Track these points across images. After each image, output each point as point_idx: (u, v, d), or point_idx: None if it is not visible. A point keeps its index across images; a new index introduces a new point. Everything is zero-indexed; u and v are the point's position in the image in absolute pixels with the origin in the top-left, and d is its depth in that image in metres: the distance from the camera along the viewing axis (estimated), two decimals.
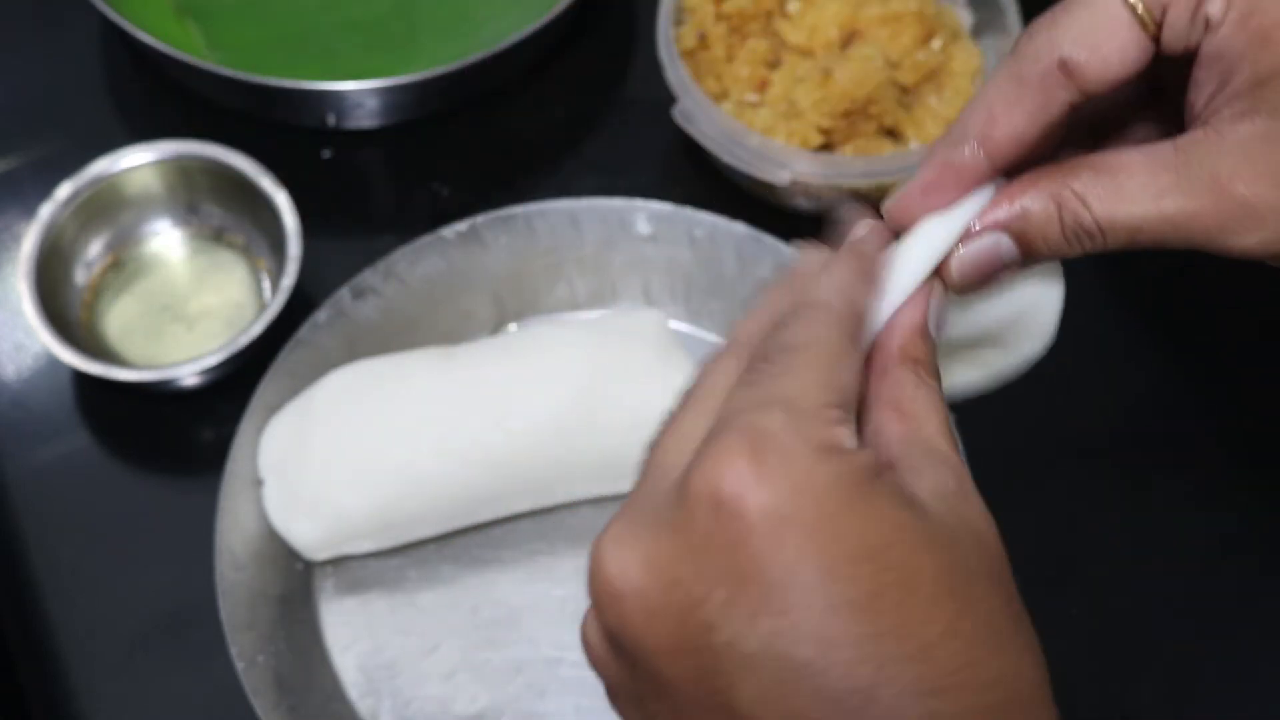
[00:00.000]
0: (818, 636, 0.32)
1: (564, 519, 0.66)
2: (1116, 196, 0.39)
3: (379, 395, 0.63)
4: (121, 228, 0.72)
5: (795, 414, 0.34)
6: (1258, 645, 0.65)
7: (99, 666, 0.64)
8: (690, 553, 0.33)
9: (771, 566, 0.32)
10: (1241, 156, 0.38)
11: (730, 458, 0.33)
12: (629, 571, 0.34)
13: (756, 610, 0.32)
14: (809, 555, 0.32)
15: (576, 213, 0.70)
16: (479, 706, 0.62)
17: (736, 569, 0.32)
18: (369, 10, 0.79)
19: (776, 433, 0.33)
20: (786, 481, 0.33)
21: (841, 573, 0.32)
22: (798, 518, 0.32)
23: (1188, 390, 0.72)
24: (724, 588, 0.33)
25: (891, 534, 0.33)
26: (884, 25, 0.72)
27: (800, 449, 0.33)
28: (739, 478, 0.33)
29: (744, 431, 0.33)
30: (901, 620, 0.32)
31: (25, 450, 0.69)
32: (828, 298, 0.38)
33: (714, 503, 0.33)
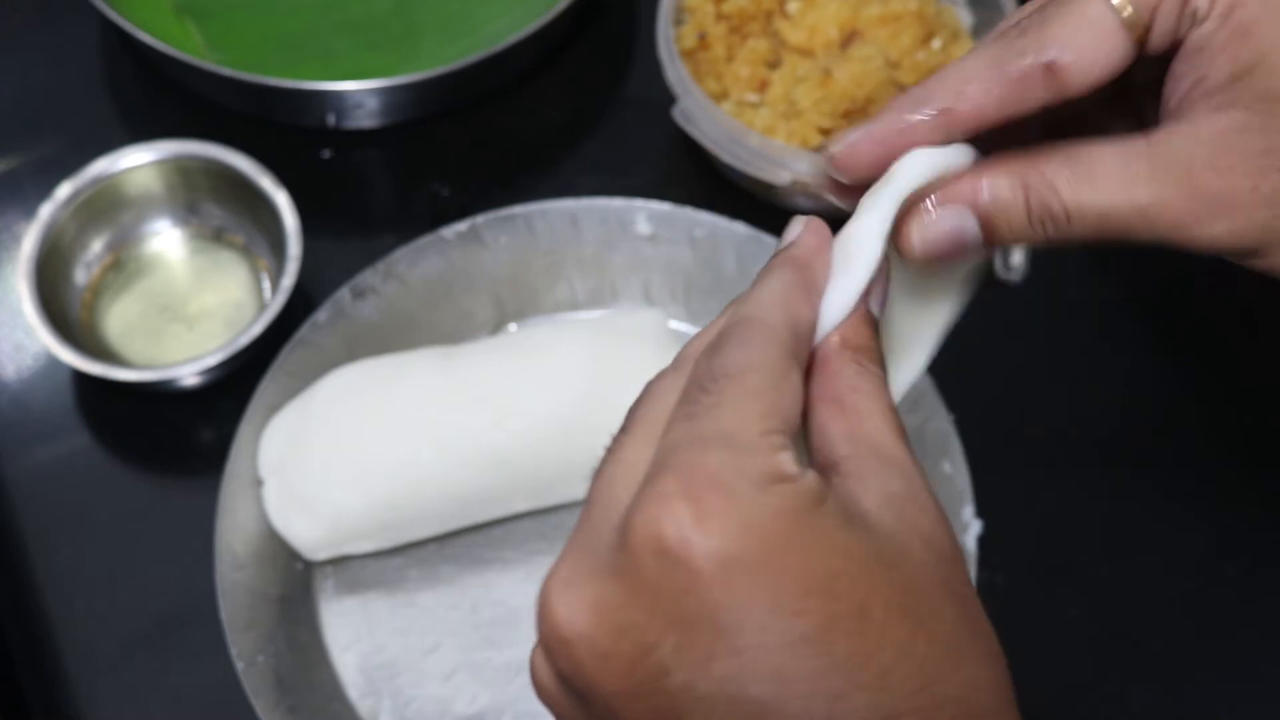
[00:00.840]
0: (772, 675, 0.32)
1: (564, 519, 0.66)
2: (1087, 183, 0.39)
3: (379, 395, 0.63)
4: (121, 228, 0.72)
5: (734, 448, 0.33)
6: (1257, 645, 0.65)
7: (98, 666, 0.64)
8: (637, 599, 0.32)
9: (720, 610, 0.32)
10: (1216, 147, 0.38)
11: (670, 503, 0.32)
12: (577, 618, 0.33)
13: (709, 654, 0.32)
14: (757, 595, 0.32)
15: (576, 213, 0.70)
16: (479, 706, 0.62)
17: (686, 614, 0.32)
18: (369, 10, 0.79)
19: (716, 471, 0.32)
20: (728, 523, 0.32)
21: (791, 608, 0.32)
22: (743, 559, 0.32)
23: (1188, 391, 0.72)
24: (674, 633, 0.32)
25: (839, 562, 0.32)
26: (884, 25, 0.72)
27: (741, 486, 0.32)
28: (678, 524, 0.32)
29: (682, 472, 0.32)
30: (855, 649, 0.32)
31: (25, 450, 0.69)
32: (763, 313, 0.37)
33: (657, 550, 0.32)
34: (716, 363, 0.35)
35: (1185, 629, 0.65)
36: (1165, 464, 0.69)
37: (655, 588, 0.32)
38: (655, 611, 0.32)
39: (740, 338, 0.36)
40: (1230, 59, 0.39)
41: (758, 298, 0.37)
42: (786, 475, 0.33)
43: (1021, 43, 0.40)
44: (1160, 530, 0.67)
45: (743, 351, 0.35)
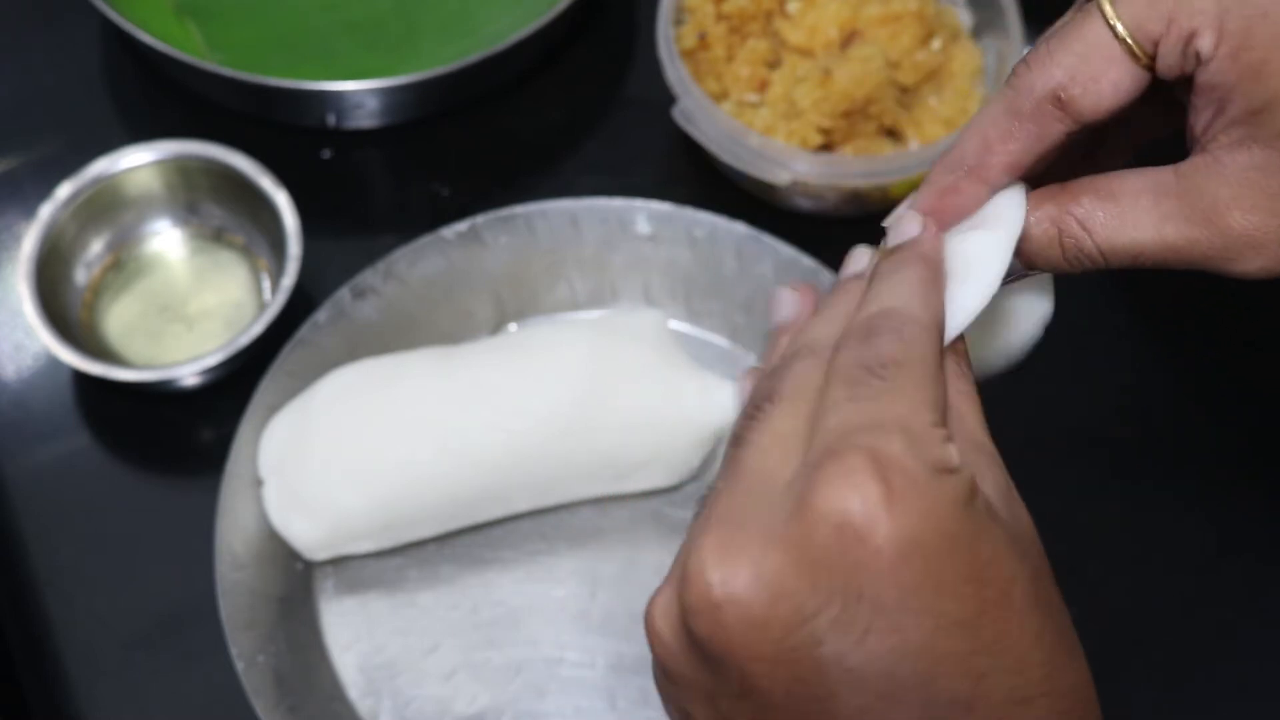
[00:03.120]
0: (926, 654, 0.33)
1: (564, 519, 0.66)
2: (1119, 222, 0.40)
3: (379, 395, 0.63)
4: (121, 228, 0.72)
5: (912, 436, 0.34)
6: (1258, 645, 0.65)
7: (99, 666, 0.64)
8: (805, 569, 0.33)
9: (891, 588, 0.33)
10: (1239, 185, 0.39)
11: (858, 481, 0.33)
12: (734, 581, 0.33)
13: (869, 628, 0.33)
14: (927, 578, 0.33)
15: (576, 213, 0.70)
16: (479, 706, 0.62)
17: (854, 588, 0.33)
18: (369, 10, 0.79)
19: (900, 456, 0.33)
20: (914, 507, 0.33)
21: (954, 592, 0.33)
22: (922, 544, 0.33)
23: (1189, 390, 0.72)
24: (837, 605, 0.33)
25: (991, 551, 0.34)
26: (884, 25, 0.72)
27: (922, 474, 0.33)
28: (868, 503, 0.33)
29: (868, 454, 0.33)
30: (999, 634, 0.34)
31: (25, 450, 0.69)
32: (910, 308, 0.38)
33: (840, 524, 0.33)
34: (880, 350, 0.36)
35: (1185, 629, 0.65)
36: (1166, 464, 0.69)
37: (827, 560, 0.33)
38: (821, 583, 0.33)
39: (896, 329, 0.37)
40: (1244, 98, 0.39)
41: (898, 290, 0.38)
42: (954, 466, 0.34)
43: (1029, 79, 0.41)
44: (1160, 530, 0.67)
45: (906, 343, 0.37)
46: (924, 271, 0.39)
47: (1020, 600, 0.34)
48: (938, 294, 0.39)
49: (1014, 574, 0.34)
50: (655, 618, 0.36)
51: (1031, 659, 0.34)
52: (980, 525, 0.34)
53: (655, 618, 0.36)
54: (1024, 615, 0.34)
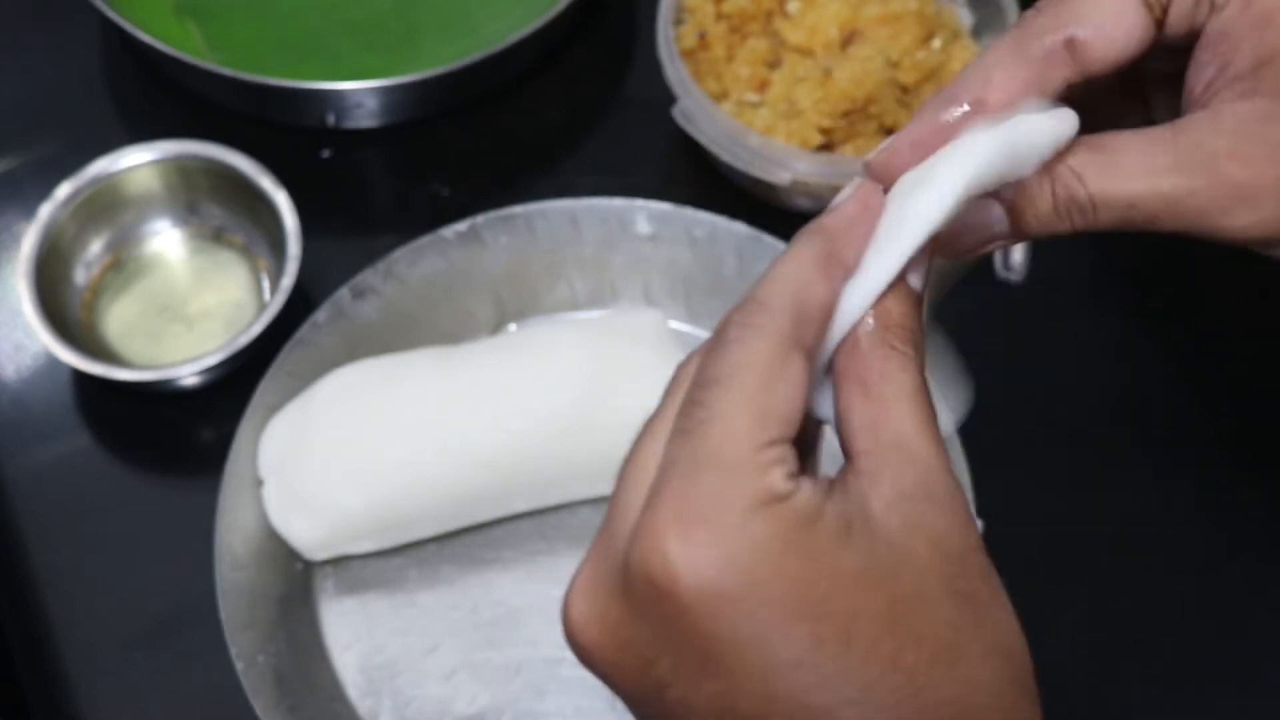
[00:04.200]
0: (761, 694, 0.33)
1: (564, 519, 0.66)
2: (1112, 172, 0.39)
3: (379, 395, 0.63)
4: (121, 228, 0.72)
5: (724, 471, 0.33)
6: (1259, 645, 0.65)
7: (99, 666, 0.64)
8: (636, 620, 0.34)
9: (707, 638, 0.33)
10: (1240, 135, 0.38)
11: (659, 538, 0.33)
12: (589, 627, 0.35)
13: (699, 675, 0.33)
14: (742, 624, 0.32)
15: (576, 213, 0.70)
16: (479, 706, 0.62)
17: (677, 639, 0.33)
18: (369, 10, 0.79)
19: (704, 501, 0.33)
20: (712, 556, 0.32)
21: (777, 635, 0.32)
22: (726, 591, 0.32)
23: (1190, 389, 0.71)
24: (669, 655, 0.33)
25: (826, 584, 0.33)
26: (884, 25, 0.72)
27: (728, 517, 0.33)
28: (664, 559, 0.33)
29: (674, 502, 0.33)
30: (840, 668, 0.33)
31: (25, 450, 0.69)
32: (768, 295, 0.36)
33: (647, 581, 0.33)
34: (710, 366, 0.35)
35: (1186, 629, 0.65)
36: (1167, 463, 0.69)
37: (649, 613, 0.33)
38: (651, 634, 0.34)
39: (738, 330, 0.35)
40: (1254, 46, 0.39)
41: (772, 274, 0.37)
42: (777, 496, 0.33)
43: (1040, 22, 0.40)
44: (1161, 530, 0.67)
45: (739, 349, 0.35)
46: (813, 247, 0.37)
47: (867, 629, 0.33)
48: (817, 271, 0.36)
49: (861, 604, 0.33)
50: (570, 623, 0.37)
51: (881, 686, 0.33)
52: (812, 557, 0.33)
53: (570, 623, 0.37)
54: (872, 644, 0.33)
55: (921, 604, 0.34)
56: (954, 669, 0.34)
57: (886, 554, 0.34)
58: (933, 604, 0.34)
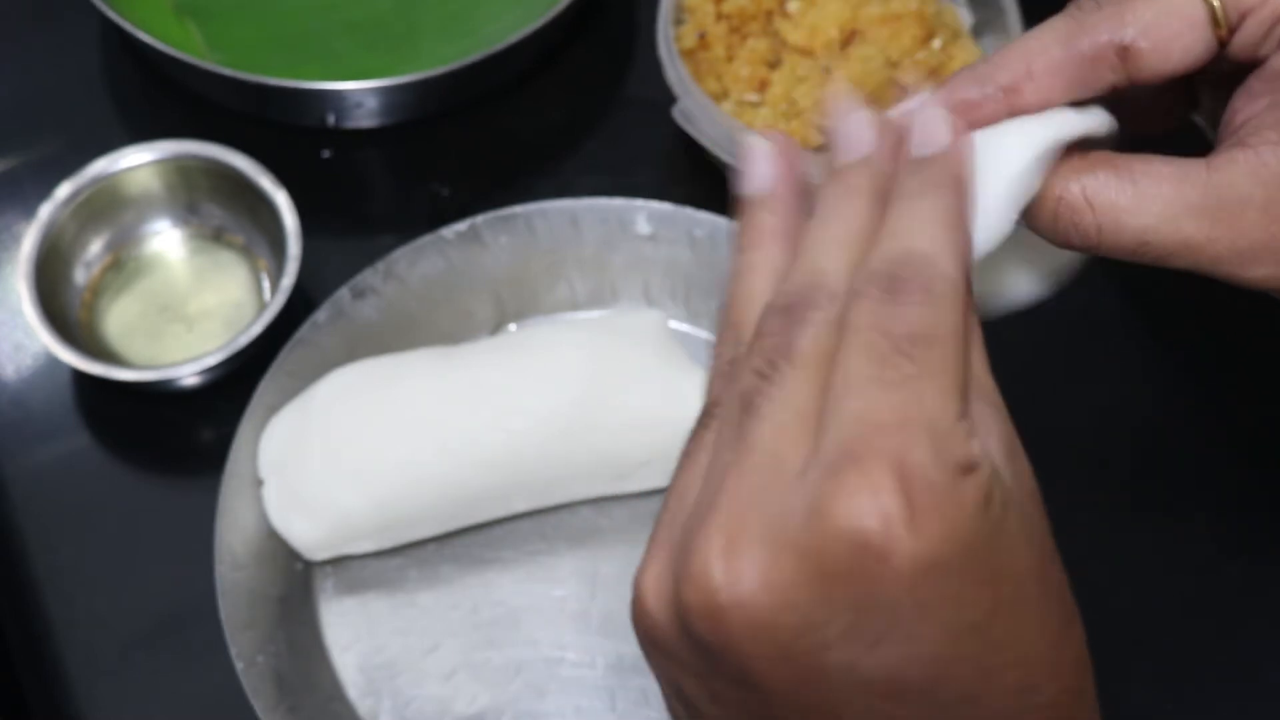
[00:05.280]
0: (935, 658, 0.32)
1: (564, 519, 0.66)
2: (1133, 204, 0.38)
3: (379, 395, 0.63)
4: (121, 228, 0.72)
5: (938, 439, 0.32)
6: (1258, 645, 0.65)
7: (99, 666, 0.64)
8: (818, 581, 0.32)
9: (906, 603, 0.32)
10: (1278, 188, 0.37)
11: (881, 497, 0.31)
12: (740, 586, 0.32)
13: (879, 638, 0.32)
14: (944, 591, 0.32)
15: (576, 213, 0.70)
16: (479, 706, 0.62)
17: (867, 602, 0.32)
18: (369, 10, 0.79)
19: (925, 467, 0.31)
20: (936, 526, 0.31)
21: (967, 599, 0.32)
22: (942, 561, 0.32)
23: (1189, 389, 0.72)
24: (849, 617, 0.32)
25: (1007, 550, 0.33)
26: (884, 25, 0.72)
27: (947, 484, 0.32)
28: (890, 523, 0.31)
29: (892, 465, 0.31)
30: (1009, 629, 0.33)
31: (25, 450, 0.69)
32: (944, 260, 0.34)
33: (859, 542, 0.31)
34: (908, 319, 0.33)
35: (1185, 629, 0.65)
36: (1166, 463, 0.69)
37: (842, 575, 0.32)
38: (834, 595, 0.32)
39: (924, 292, 0.34)
40: None
41: (924, 229, 0.35)
42: (975, 464, 0.32)
43: (1096, 18, 0.38)
44: (1161, 530, 0.67)
45: (932, 312, 0.34)
46: (956, 202, 0.35)
47: (1031, 592, 0.33)
48: (968, 235, 0.35)
49: (1026, 568, 0.33)
50: (647, 596, 0.34)
51: (1037, 646, 0.34)
52: (997, 524, 0.33)
53: (647, 596, 0.34)
54: (1031, 606, 0.33)
55: (1051, 565, 0.35)
56: (1073, 630, 0.35)
57: (1021, 516, 0.34)
58: (1054, 565, 0.35)
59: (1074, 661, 0.35)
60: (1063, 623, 0.35)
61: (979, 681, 0.33)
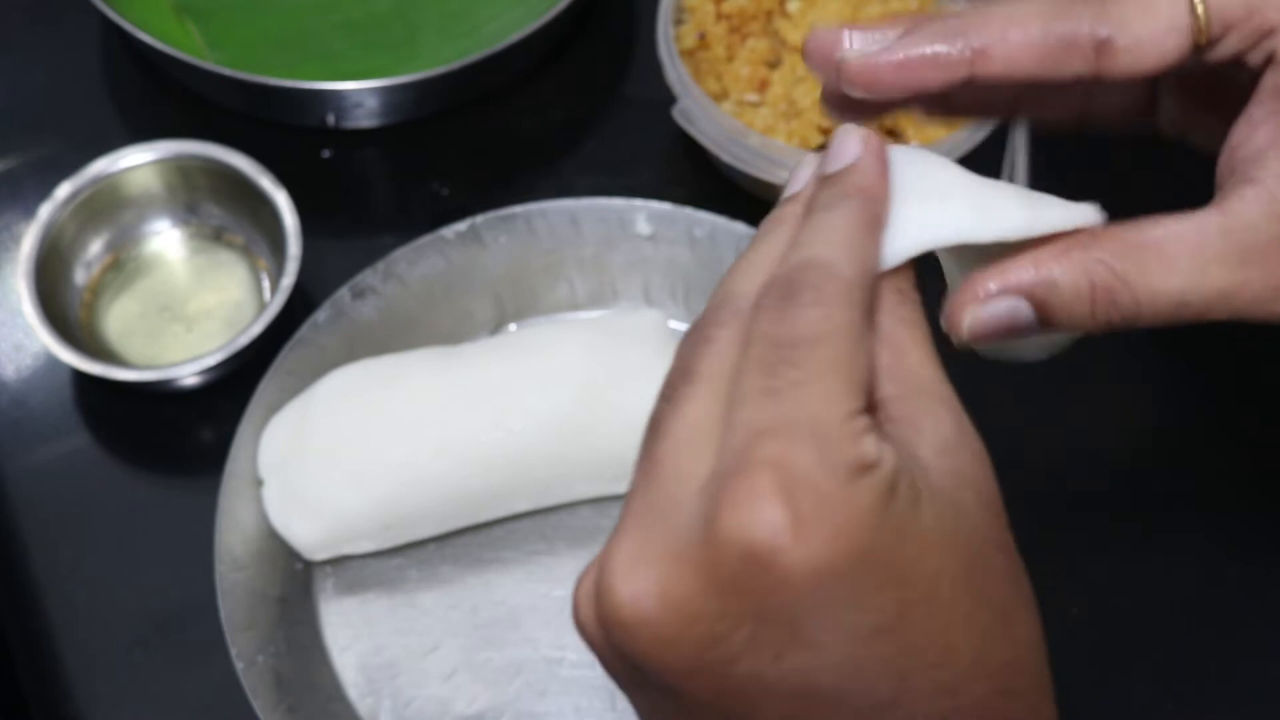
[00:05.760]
0: (842, 664, 0.32)
1: (564, 519, 0.66)
2: (1162, 268, 0.37)
3: (379, 395, 0.63)
4: (121, 228, 0.72)
5: (824, 440, 0.32)
6: (1258, 645, 0.65)
7: (98, 666, 0.64)
8: (714, 594, 0.32)
9: (801, 610, 0.31)
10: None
11: (763, 505, 0.31)
12: (644, 602, 0.32)
13: (782, 648, 0.32)
14: (839, 595, 0.31)
15: (576, 213, 0.70)
16: (479, 706, 0.62)
17: (764, 612, 0.32)
18: (369, 10, 0.79)
19: (809, 470, 0.31)
20: (822, 530, 0.31)
21: (870, 603, 0.32)
22: (833, 566, 0.31)
23: (1189, 389, 0.72)
24: (748, 627, 0.32)
25: (914, 550, 0.32)
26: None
27: (834, 486, 0.31)
28: (773, 530, 0.31)
29: (774, 472, 0.31)
30: (923, 632, 0.32)
31: (25, 450, 0.69)
32: (835, 260, 0.34)
33: (747, 552, 0.31)
34: (793, 324, 0.33)
35: (1185, 629, 0.65)
36: (1167, 463, 0.69)
37: (736, 586, 0.31)
38: (731, 607, 0.32)
39: (815, 292, 0.34)
40: None
41: (826, 237, 0.35)
42: (870, 464, 0.32)
43: (1081, 8, 0.38)
44: (1161, 530, 0.67)
45: (822, 312, 0.33)
46: (859, 211, 0.35)
47: (947, 592, 0.32)
48: (872, 239, 0.35)
49: (939, 568, 0.32)
50: (579, 607, 0.34)
51: (958, 647, 0.33)
52: (901, 524, 0.32)
53: (579, 607, 0.34)
54: (950, 606, 0.32)
55: (983, 561, 0.34)
56: (1010, 627, 0.34)
57: (949, 511, 0.33)
58: (990, 560, 0.34)
59: (1009, 662, 0.34)
60: (994, 621, 0.33)
61: (893, 686, 0.32)
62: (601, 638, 0.34)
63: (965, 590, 0.33)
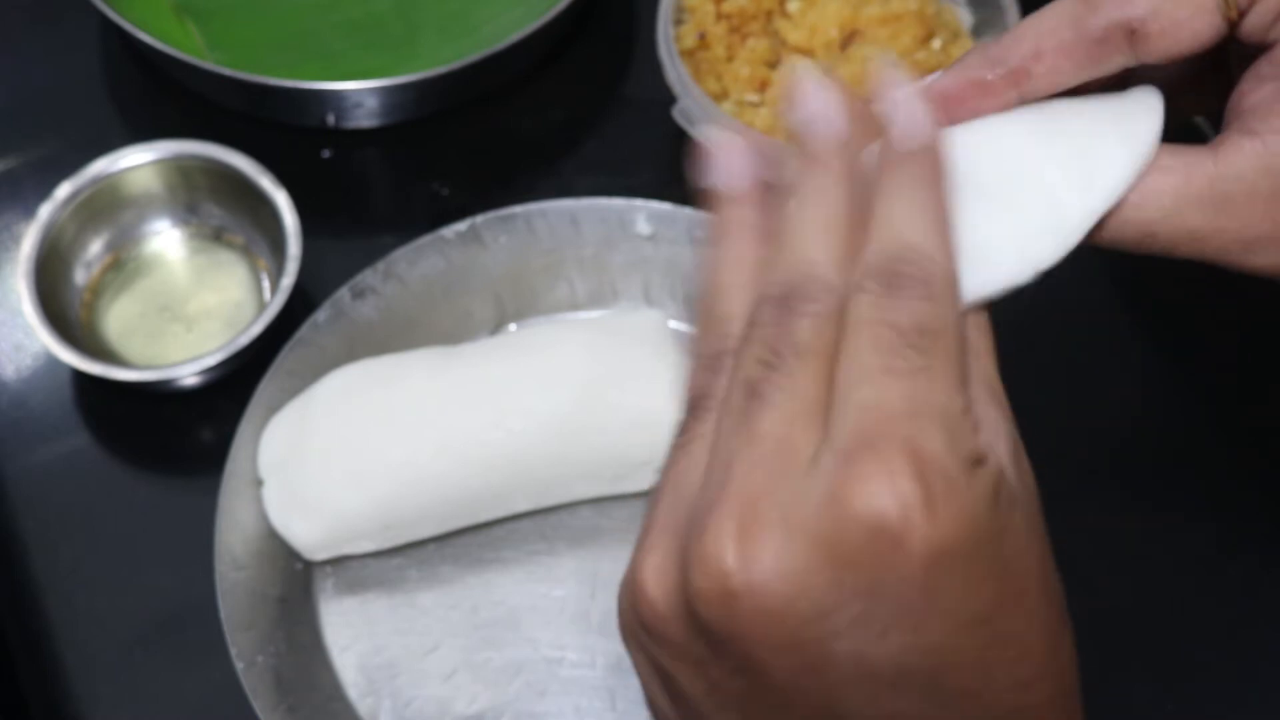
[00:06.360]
0: (941, 650, 0.33)
1: (564, 519, 0.66)
2: (1138, 197, 0.37)
3: (379, 395, 0.63)
4: (121, 228, 0.72)
5: (950, 429, 0.32)
6: (1259, 645, 0.65)
7: (98, 666, 0.64)
8: (832, 567, 0.32)
9: (917, 592, 0.32)
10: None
11: (899, 483, 0.31)
12: (753, 571, 0.32)
13: (889, 627, 0.32)
14: (954, 580, 0.32)
15: (576, 213, 0.70)
16: (479, 706, 0.62)
17: (879, 589, 0.32)
18: (369, 10, 0.79)
19: (940, 455, 0.32)
20: (951, 513, 0.31)
21: (976, 592, 0.32)
22: (956, 548, 0.32)
23: (1190, 388, 0.72)
24: (860, 604, 0.32)
25: (1014, 546, 0.33)
26: (884, 25, 0.72)
27: (959, 475, 0.32)
28: (908, 509, 0.31)
29: (909, 452, 0.31)
30: (1011, 625, 0.33)
31: (25, 450, 0.69)
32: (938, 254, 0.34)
33: (876, 528, 0.31)
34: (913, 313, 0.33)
35: (1185, 629, 0.65)
36: (1167, 462, 0.69)
37: (856, 560, 0.32)
38: (846, 582, 0.32)
39: (924, 281, 0.34)
40: None
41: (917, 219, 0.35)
42: (985, 456, 0.33)
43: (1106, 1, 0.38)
44: (1161, 529, 0.67)
45: (933, 305, 0.34)
46: (942, 195, 0.35)
47: (1033, 590, 0.34)
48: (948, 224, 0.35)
49: (1029, 566, 0.34)
50: (647, 583, 0.34)
51: (1035, 644, 0.34)
52: (1005, 519, 0.33)
53: (647, 583, 0.34)
54: (1034, 606, 0.34)
55: (1049, 565, 0.35)
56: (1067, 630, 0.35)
57: (1025, 515, 0.34)
58: (1051, 564, 0.35)
59: (1067, 666, 0.35)
60: (1059, 625, 0.35)
61: (980, 675, 0.33)
62: (676, 610, 0.33)
63: (1042, 592, 0.34)
